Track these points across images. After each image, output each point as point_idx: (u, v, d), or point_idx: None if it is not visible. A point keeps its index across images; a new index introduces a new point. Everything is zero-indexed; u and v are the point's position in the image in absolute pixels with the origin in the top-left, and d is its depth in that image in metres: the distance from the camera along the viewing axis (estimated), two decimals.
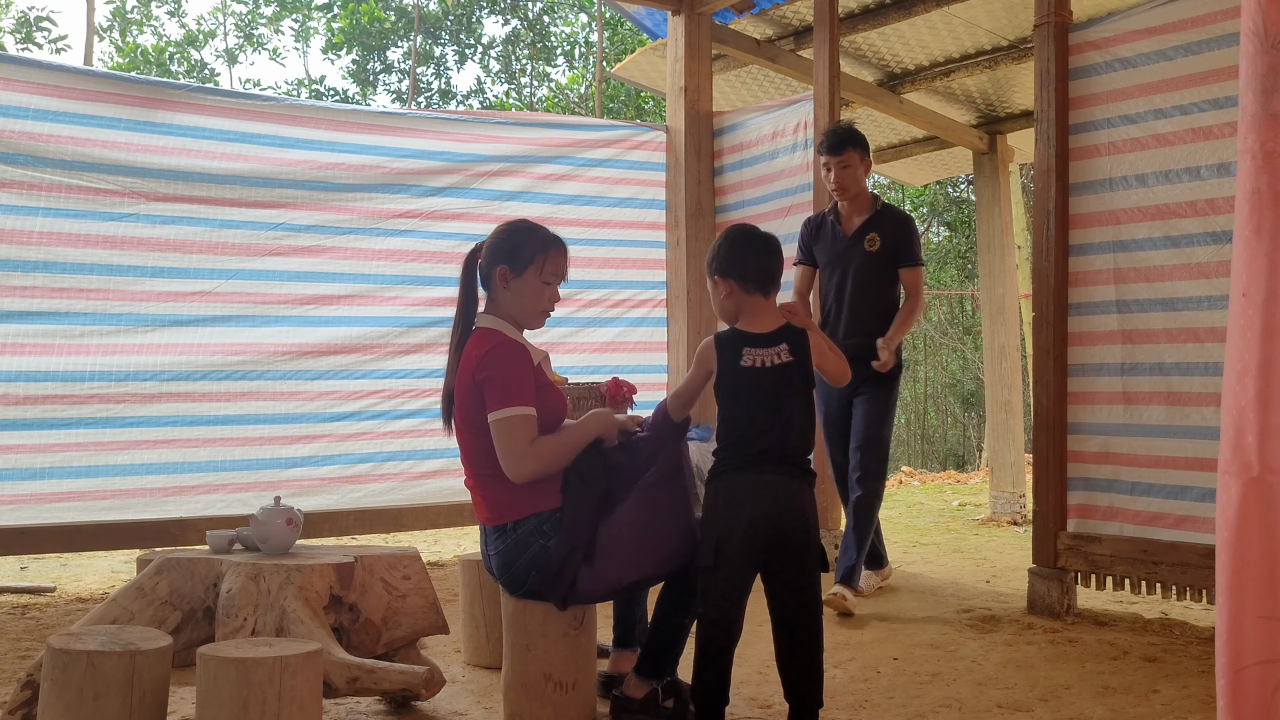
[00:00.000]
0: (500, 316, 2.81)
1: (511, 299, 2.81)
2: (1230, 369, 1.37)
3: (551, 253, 2.84)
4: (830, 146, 4.30)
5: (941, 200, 15.66)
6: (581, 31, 18.20)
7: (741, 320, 2.70)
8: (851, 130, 4.35)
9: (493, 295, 2.84)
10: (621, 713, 2.83)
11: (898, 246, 4.27)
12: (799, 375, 2.64)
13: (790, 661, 2.60)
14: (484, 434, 2.71)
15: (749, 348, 2.64)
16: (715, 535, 2.57)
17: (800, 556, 2.58)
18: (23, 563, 5.22)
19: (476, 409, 2.71)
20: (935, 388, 17.38)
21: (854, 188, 4.31)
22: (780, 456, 2.59)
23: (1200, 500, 3.66)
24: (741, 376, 2.63)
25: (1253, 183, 1.34)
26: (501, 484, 2.72)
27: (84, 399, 4.57)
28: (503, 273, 2.80)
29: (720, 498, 2.60)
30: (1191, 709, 2.89)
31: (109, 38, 17.63)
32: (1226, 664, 1.34)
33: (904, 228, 4.31)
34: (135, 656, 2.32)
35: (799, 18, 5.98)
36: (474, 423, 2.73)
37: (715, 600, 2.57)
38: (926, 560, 5.51)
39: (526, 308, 2.83)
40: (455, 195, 5.40)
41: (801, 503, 2.60)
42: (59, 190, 4.53)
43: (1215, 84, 3.66)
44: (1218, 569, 1.37)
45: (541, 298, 2.83)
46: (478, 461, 2.76)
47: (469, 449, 2.77)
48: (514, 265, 2.80)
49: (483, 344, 2.73)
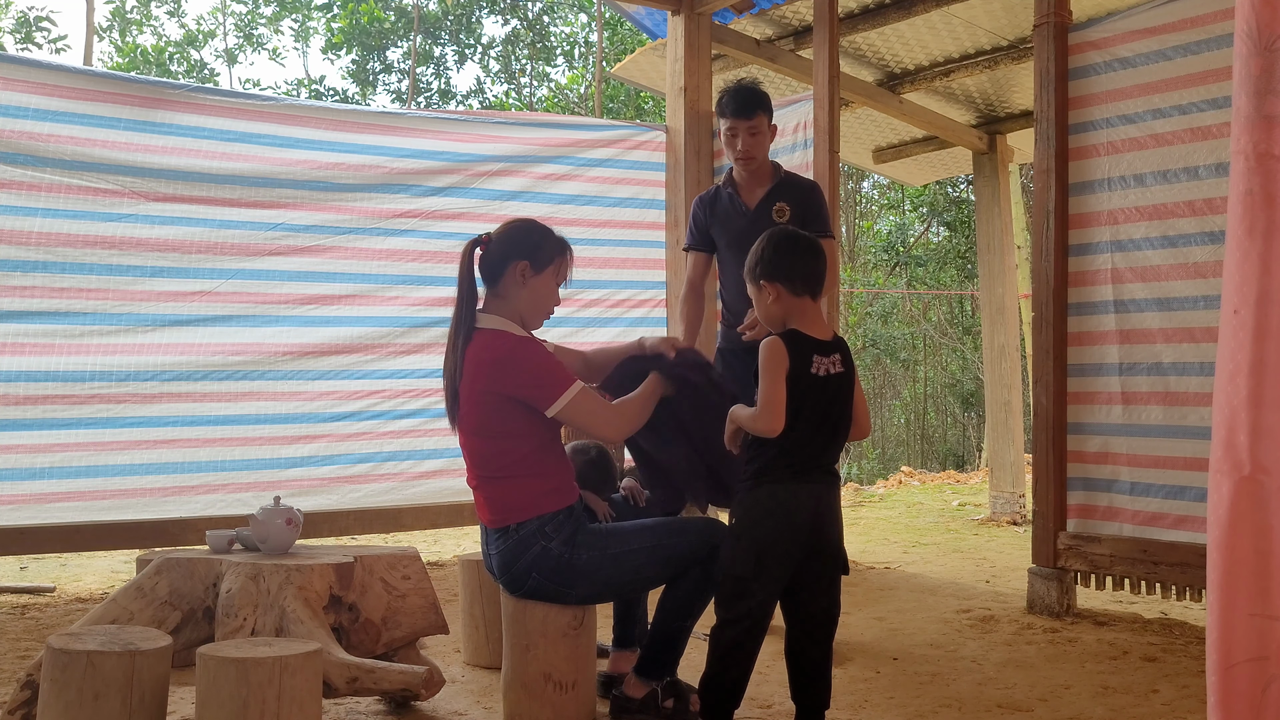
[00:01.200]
0: (506, 315, 2.77)
1: (527, 296, 2.79)
2: (1222, 369, 1.38)
3: (567, 255, 2.86)
4: (737, 109, 3.76)
5: (941, 200, 15.66)
6: (581, 31, 18.22)
7: (795, 323, 2.58)
8: (758, 90, 3.88)
9: (501, 291, 2.79)
10: (621, 712, 2.83)
11: (807, 216, 3.73)
12: (849, 389, 2.60)
13: (805, 663, 2.60)
14: (495, 437, 2.70)
15: (817, 355, 2.54)
16: (756, 545, 2.52)
17: (833, 560, 2.59)
18: (22, 563, 5.22)
19: (493, 414, 2.69)
20: (935, 388, 17.38)
21: (761, 155, 3.81)
22: (823, 465, 2.57)
23: (1199, 500, 3.66)
24: (811, 385, 2.52)
25: (1245, 184, 1.35)
26: (506, 486, 2.72)
27: (84, 399, 4.58)
28: (523, 269, 2.77)
29: (762, 507, 2.53)
30: (1191, 709, 2.90)
31: (108, 38, 17.66)
32: (1217, 661, 1.35)
33: (812, 194, 3.84)
34: (135, 656, 2.32)
35: (798, 18, 5.99)
36: (487, 426, 2.70)
37: (750, 608, 2.54)
38: (926, 560, 5.52)
39: (540, 306, 2.82)
40: (455, 195, 5.40)
41: (837, 508, 2.62)
42: (59, 190, 4.54)
43: (1214, 84, 3.66)
44: (1209, 567, 1.38)
45: (553, 299, 2.84)
46: (483, 464, 2.75)
47: (476, 451, 2.75)
48: (535, 262, 2.78)
49: (494, 348, 2.69)
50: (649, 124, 6.23)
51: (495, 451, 2.71)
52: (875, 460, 15.37)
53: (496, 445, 2.71)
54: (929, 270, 16.07)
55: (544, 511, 2.71)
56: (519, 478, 2.72)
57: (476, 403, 2.70)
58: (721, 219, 3.90)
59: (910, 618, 4.07)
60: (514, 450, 2.71)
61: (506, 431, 2.70)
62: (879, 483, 10.10)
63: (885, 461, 15.67)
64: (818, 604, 2.59)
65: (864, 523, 7.04)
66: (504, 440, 2.71)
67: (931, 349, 17.17)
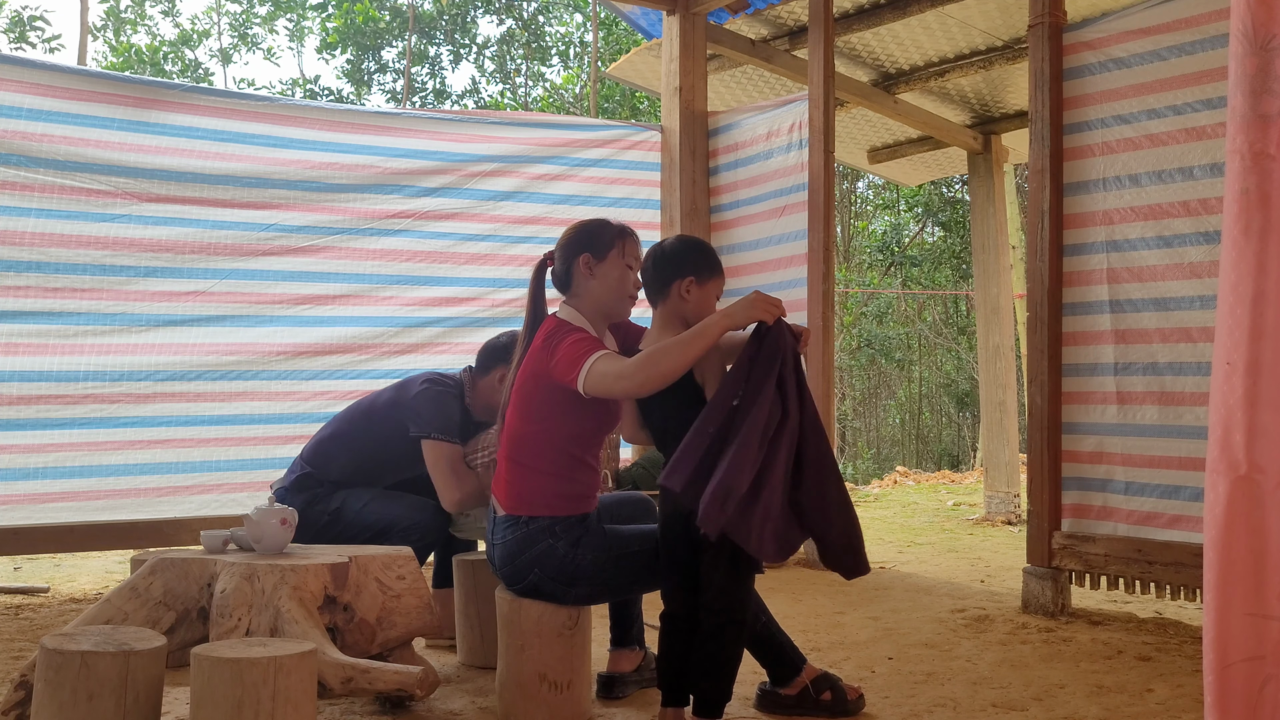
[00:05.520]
0: (580, 310, 2.81)
1: (599, 286, 2.80)
2: (1218, 368, 1.38)
3: (630, 237, 2.88)
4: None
5: (936, 200, 15.67)
6: (576, 31, 18.21)
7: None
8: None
9: (575, 290, 2.83)
10: (775, 708, 2.85)
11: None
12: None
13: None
14: (531, 419, 2.73)
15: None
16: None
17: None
18: (16, 563, 5.21)
19: (533, 395, 2.73)
20: (930, 388, 17.41)
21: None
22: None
23: (1193, 500, 3.67)
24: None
25: (1241, 183, 1.35)
26: (528, 475, 2.74)
27: (78, 399, 4.57)
28: (586, 260, 2.80)
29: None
30: (1185, 708, 2.90)
31: (103, 37, 17.60)
32: (1214, 660, 1.35)
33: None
34: (129, 657, 2.31)
35: (794, 18, 5.99)
36: (525, 407, 2.74)
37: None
38: (921, 560, 5.52)
39: (615, 291, 2.82)
40: (449, 195, 5.39)
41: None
42: (52, 190, 4.53)
43: (1208, 84, 3.67)
44: (1205, 566, 1.38)
45: (627, 281, 2.83)
46: (515, 445, 2.77)
47: (514, 431, 2.78)
48: (595, 251, 2.81)
49: (543, 331, 2.76)
50: (644, 124, 6.23)
51: (528, 435, 2.74)
52: (870, 460, 15.39)
53: (530, 429, 2.74)
54: (924, 270, 16.08)
55: (558, 514, 2.72)
56: (543, 472, 2.74)
57: (524, 384, 2.76)
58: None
59: (905, 617, 4.07)
60: (546, 439, 2.73)
61: (541, 415, 2.72)
62: (874, 482, 10.12)
63: (880, 461, 15.68)
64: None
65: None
66: (538, 424, 2.73)
67: (926, 349, 17.19)
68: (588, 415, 2.72)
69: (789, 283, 5.33)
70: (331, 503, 3.45)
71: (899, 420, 17.71)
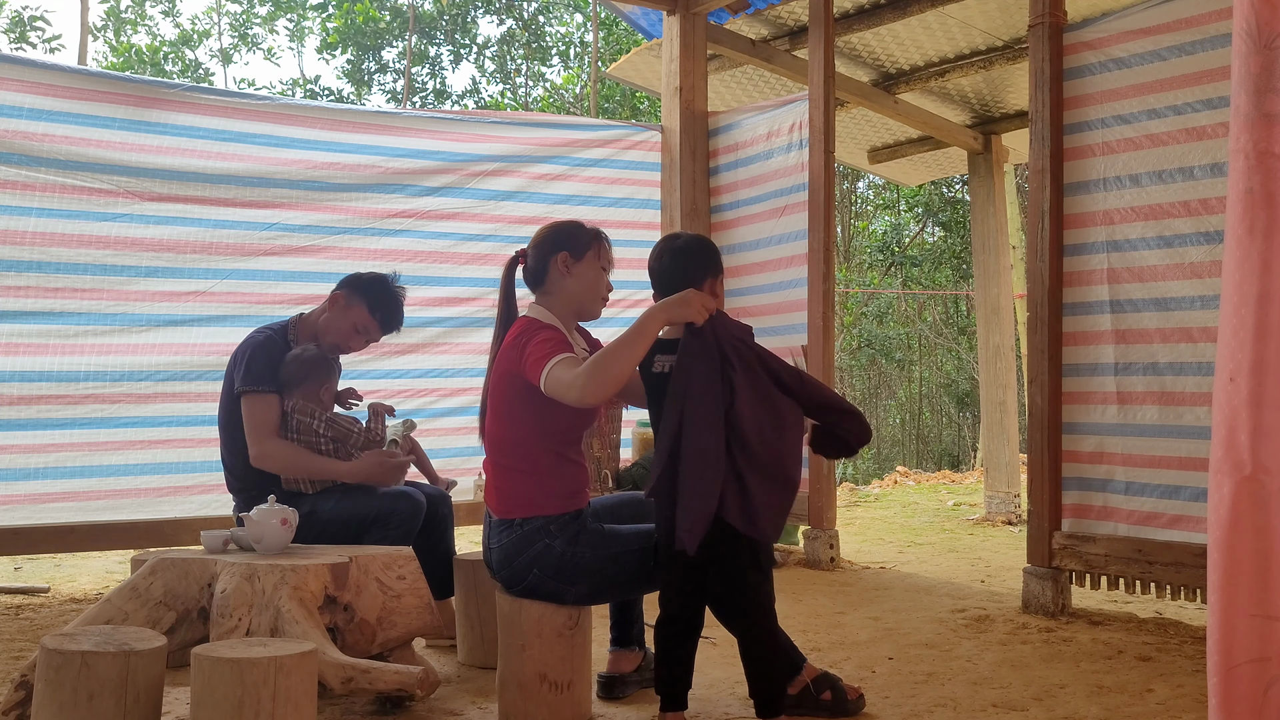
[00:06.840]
0: (551, 309, 2.81)
1: (575, 285, 2.82)
2: (1222, 368, 1.38)
3: (604, 241, 2.90)
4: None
5: (936, 200, 15.67)
6: (576, 31, 18.21)
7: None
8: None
9: (548, 288, 2.83)
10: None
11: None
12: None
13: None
14: (513, 423, 2.73)
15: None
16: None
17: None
18: (17, 563, 5.21)
19: (510, 398, 2.72)
20: (930, 388, 17.41)
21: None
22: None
23: (1194, 500, 3.66)
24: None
25: (1245, 182, 1.35)
26: (515, 478, 2.74)
27: (78, 399, 4.57)
28: (564, 259, 2.81)
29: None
30: (1186, 708, 2.90)
31: (103, 37, 17.61)
32: (1218, 662, 1.34)
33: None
34: (129, 657, 2.31)
35: (794, 18, 5.99)
36: (502, 410, 2.74)
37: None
38: (921, 560, 5.52)
39: (590, 292, 2.84)
40: (450, 195, 5.39)
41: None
42: (53, 190, 4.53)
43: (1209, 84, 3.66)
44: (1209, 567, 1.37)
45: (601, 283, 2.86)
46: (501, 450, 2.77)
47: (494, 435, 2.78)
48: (574, 250, 2.82)
49: (514, 330, 2.75)
50: (644, 124, 6.23)
51: (510, 439, 2.74)
52: (870, 460, 15.38)
53: (511, 432, 2.74)
54: (924, 270, 16.07)
55: (551, 512, 2.72)
56: (529, 473, 2.74)
57: (498, 385, 2.76)
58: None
59: (905, 617, 4.07)
60: (527, 441, 2.73)
61: (519, 419, 2.72)
62: (874, 482, 10.11)
63: (880, 461, 15.68)
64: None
65: (859, 522, 7.05)
66: (518, 428, 2.73)
67: (927, 349, 17.19)
68: (561, 412, 2.68)
69: (789, 283, 5.32)
70: (302, 506, 3.35)
71: (899, 420, 17.71)
